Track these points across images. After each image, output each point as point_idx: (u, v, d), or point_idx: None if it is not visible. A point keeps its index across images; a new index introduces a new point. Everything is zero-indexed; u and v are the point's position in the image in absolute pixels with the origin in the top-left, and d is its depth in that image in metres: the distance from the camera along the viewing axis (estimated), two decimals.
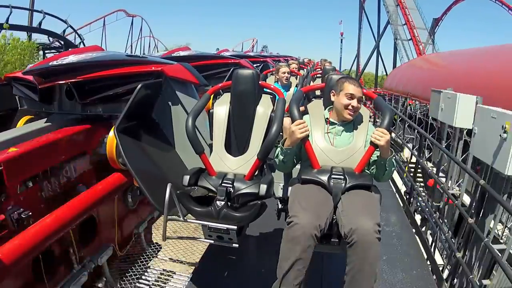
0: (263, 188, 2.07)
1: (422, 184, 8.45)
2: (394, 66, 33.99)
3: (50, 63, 2.94)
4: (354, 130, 2.11)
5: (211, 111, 2.46)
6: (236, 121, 2.44)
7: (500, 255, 3.04)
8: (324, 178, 1.95)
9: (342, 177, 1.95)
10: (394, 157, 2.04)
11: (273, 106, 2.45)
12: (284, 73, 4.24)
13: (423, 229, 5.12)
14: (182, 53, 5.27)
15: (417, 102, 17.42)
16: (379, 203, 1.99)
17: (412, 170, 9.29)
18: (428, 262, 3.74)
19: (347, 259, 1.75)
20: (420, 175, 9.09)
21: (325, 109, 2.23)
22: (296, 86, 4.54)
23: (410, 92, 18.09)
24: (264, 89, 2.57)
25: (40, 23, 15.25)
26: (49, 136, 2.76)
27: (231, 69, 4.75)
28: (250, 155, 2.29)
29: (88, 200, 2.62)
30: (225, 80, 4.28)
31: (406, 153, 11.29)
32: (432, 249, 4.34)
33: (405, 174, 6.75)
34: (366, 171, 2.07)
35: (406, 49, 32.31)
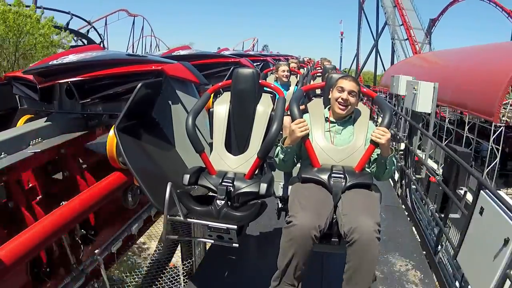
0: (263, 187, 2.07)
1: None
2: (392, 64, 34.86)
3: (50, 63, 2.93)
4: (354, 129, 2.11)
5: (211, 110, 2.46)
6: (236, 120, 2.43)
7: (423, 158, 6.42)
8: (324, 177, 1.95)
9: (342, 175, 1.95)
10: (394, 156, 2.04)
11: (273, 105, 2.44)
12: (284, 71, 4.23)
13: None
14: (182, 52, 5.26)
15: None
16: (379, 202, 1.99)
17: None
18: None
19: (346, 258, 1.76)
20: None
21: (325, 108, 2.23)
22: (296, 85, 4.54)
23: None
24: (264, 88, 2.57)
25: (67, 24, 16.04)
26: None
27: (231, 68, 4.74)
28: (250, 154, 2.29)
29: None
30: (225, 79, 4.28)
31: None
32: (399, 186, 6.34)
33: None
34: (367, 169, 2.07)
35: (404, 48, 33.53)
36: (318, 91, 2.83)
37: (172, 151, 2.85)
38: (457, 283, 3.23)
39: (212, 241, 2.21)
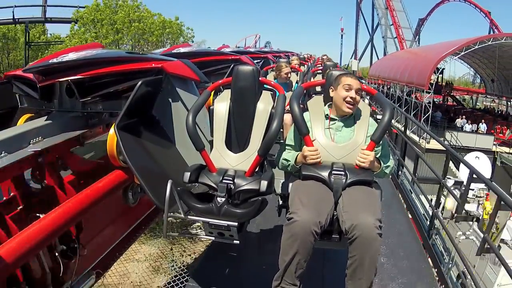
0: (264, 184, 2.07)
1: None
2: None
3: (50, 61, 2.92)
4: (355, 126, 2.10)
5: (211, 107, 2.46)
6: (236, 118, 2.43)
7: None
8: (324, 174, 1.95)
9: (342, 173, 1.95)
10: (386, 167, 2.08)
11: (274, 102, 2.44)
12: (287, 73, 4.24)
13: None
14: (182, 50, 5.24)
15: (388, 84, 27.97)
16: (380, 198, 1.99)
17: None
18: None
19: (348, 254, 1.78)
20: None
21: (325, 105, 2.22)
22: (297, 82, 4.54)
23: (380, 75, 29.41)
24: (264, 86, 2.56)
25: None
26: None
27: (232, 66, 4.73)
28: (250, 152, 2.29)
29: None
30: (225, 76, 4.27)
31: None
32: None
33: None
34: None
35: (394, 45, 39.81)
36: (318, 89, 2.82)
37: (173, 149, 2.85)
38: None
39: (213, 238, 2.22)
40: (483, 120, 21.20)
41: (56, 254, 2.46)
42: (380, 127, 2.00)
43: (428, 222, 3.97)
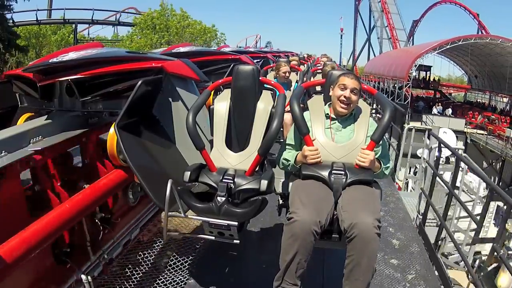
0: (264, 183, 2.07)
1: None
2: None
3: (50, 60, 2.92)
4: (355, 125, 2.11)
5: (211, 107, 2.46)
6: (236, 117, 2.43)
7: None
8: (324, 173, 1.96)
9: (342, 172, 1.95)
10: (386, 168, 2.09)
11: (274, 102, 2.44)
12: (285, 72, 4.24)
13: None
14: (182, 49, 5.24)
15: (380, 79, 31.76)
16: (380, 198, 2.00)
17: None
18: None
19: (346, 253, 1.78)
20: None
21: (325, 105, 2.23)
22: (297, 82, 4.54)
23: (372, 72, 33.50)
24: (265, 85, 2.56)
25: None
26: None
27: (232, 65, 4.72)
28: (250, 151, 2.29)
29: None
30: (225, 76, 4.28)
31: None
32: None
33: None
34: None
35: (389, 45, 42.86)
36: (318, 88, 2.82)
37: (173, 148, 2.85)
38: None
39: (213, 237, 2.22)
40: (451, 106, 26.98)
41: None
42: (380, 127, 2.01)
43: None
